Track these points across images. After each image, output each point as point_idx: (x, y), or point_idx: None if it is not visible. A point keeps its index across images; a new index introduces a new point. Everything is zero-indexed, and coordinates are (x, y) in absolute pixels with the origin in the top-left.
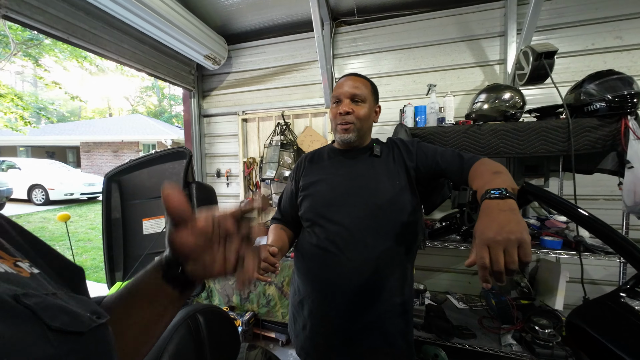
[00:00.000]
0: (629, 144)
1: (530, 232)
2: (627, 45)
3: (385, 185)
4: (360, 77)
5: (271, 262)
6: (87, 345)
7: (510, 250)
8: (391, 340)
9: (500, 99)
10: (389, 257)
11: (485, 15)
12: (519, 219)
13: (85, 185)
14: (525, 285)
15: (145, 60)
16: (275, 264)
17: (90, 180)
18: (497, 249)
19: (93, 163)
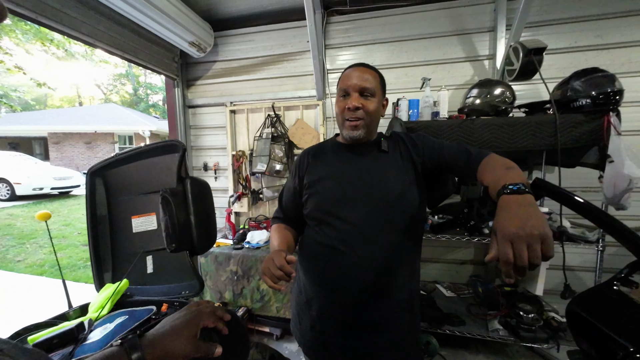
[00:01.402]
0: (610, 139)
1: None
2: (606, 43)
3: (395, 181)
4: (369, 68)
5: (287, 272)
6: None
7: (534, 245)
8: (400, 336)
9: (491, 94)
10: (399, 253)
11: (476, 10)
12: (540, 214)
13: (56, 179)
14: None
15: (124, 45)
16: (292, 274)
17: (62, 174)
18: (521, 245)
19: (63, 155)
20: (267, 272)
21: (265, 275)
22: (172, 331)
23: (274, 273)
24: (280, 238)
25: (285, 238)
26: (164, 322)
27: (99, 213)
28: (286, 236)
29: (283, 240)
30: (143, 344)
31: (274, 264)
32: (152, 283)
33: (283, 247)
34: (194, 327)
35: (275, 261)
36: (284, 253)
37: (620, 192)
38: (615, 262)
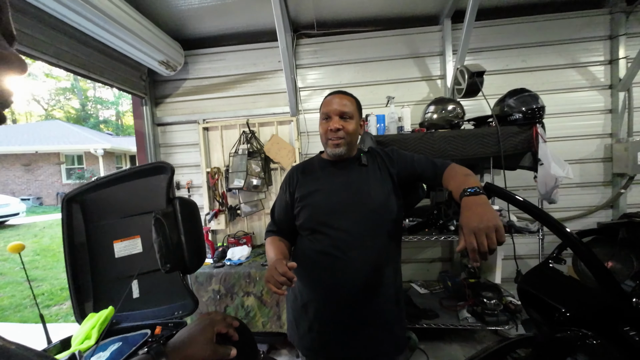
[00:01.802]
0: (539, 146)
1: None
2: (530, 67)
3: (376, 191)
4: (346, 95)
5: (289, 277)
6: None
7: (490, 234)
8: (389, 327)
9: (445, 110)
10: (385, 254)
11: (426, 37)
12: (493, 210)
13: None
14: (472, 266)
15: (89, 65)
16: (293, 279)
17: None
18: (481, 235)
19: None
20: (272, 280)
21: (269, 283)
22: (191, 338)
23: (278, 279)
24: (276, 248)
25: (280, 248)
26: (181, 332)
27: (76, 241)
28: (281, 246)
29: (279, 250)
30: (167, 351)
31: (277, 271)
32: (140, 308)
33: (280, 257)
34: (209, 333)
35: (278, 269)
36: (285, 261)
37: (550, 188)
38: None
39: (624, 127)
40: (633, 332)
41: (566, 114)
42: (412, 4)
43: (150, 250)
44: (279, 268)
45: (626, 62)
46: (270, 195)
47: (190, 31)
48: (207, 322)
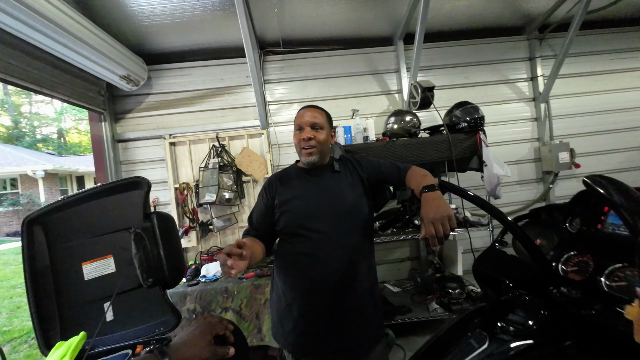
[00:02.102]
0: (483, 150)
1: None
2: (471, 82)
3: (349, 195)
4: (317, 108)
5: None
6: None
7: (445, 223)
8: (368, 319)
9: (404, 120)
10: (359, 251)
11: (383, 56)
12: (446, 203)
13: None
14: (437, 262)
15: (42, 80)
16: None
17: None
18: (437, 223)
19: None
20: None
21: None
22: (191, 340)
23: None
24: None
25: (252, 242)
26: (180, 334)
27: (39, 265)
28: (253, 242)
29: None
30: (169, 351)
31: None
32: (115, 331)
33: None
34: (208, 335)
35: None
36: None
37: (494, 186)
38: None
39: (547, 132)
40: (555, 289)
41: (502, 122)
42: (368, 27)
43: (125, 269)
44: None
45: (543, 79)
46: (244, 209)
47: (153, 46)
48: (206, 325)
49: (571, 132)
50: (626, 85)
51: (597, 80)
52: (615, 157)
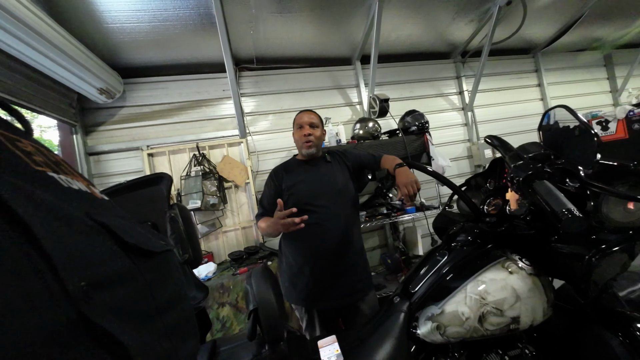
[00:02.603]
0: (430, 148)
1: (396, 207)
2: (415, 95)
3: (340, 178)
4: (312, 112)
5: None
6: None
7: (413, 185)
8: (362, 270)
9: (368, 126)
10: (351, 220)
11: (345, 73)
12: (412, 173)
13: None
14: (401, 246)
15: (13, 90)
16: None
17: None
18: (409, 186)
19: None
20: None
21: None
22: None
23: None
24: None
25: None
26: None
27: None
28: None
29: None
30: None
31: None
32: None
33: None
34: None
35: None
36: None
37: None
38: None
39: (474, 134)
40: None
41: (440, 128)
42: (332, 48)
43: None
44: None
45: (468, 93)
46: (227, 213)
47: (129, 60)
48: None
49: (492, 133)
50: (522, 98)
51: (504, 94)
52: None
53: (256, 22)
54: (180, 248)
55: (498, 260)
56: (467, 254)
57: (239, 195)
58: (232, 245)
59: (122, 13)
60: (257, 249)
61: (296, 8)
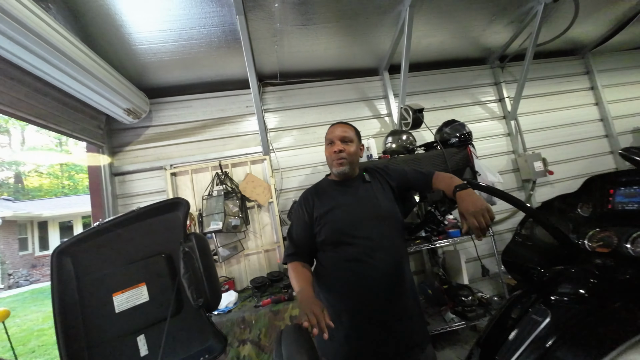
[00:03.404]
0: (474, 162)
1: (437, 230)
2: (449, 105)
3: (384, 202)
4: (346, 124)
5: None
6: None
7: (485, 215)
8: (417, 319)
9: (401, 139)
10: (400, 252)
11: (371, 84)
12: (481, 198)
13: None
14: (442, 273)
15: (46, 114)
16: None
17: None
18: (479, 216)
19: None
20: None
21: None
22: None
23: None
24: (302, 278)
25: (305, 277)
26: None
27: (68, 301)
28: (306, 275)
29: (305, 280)
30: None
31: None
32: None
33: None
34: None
35: (315, 312)
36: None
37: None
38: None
39: (520, 145)
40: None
41: (479, 139)
42: (356, 60)
43: (159, 297)
44: (316, 311)
45: (509, 100)
46: (249, 235)
47: (155, 81)
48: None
49: (540, 144)
50: (573, 103)
51: (551, 99)
52: (581, 163)
53: (280, 36)
54: (195, 291)
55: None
56: (584, 316)
57: (261, 216)
58: (254, 270)
59: (149, 34)
60: (280, 275)
61: (321, 19)
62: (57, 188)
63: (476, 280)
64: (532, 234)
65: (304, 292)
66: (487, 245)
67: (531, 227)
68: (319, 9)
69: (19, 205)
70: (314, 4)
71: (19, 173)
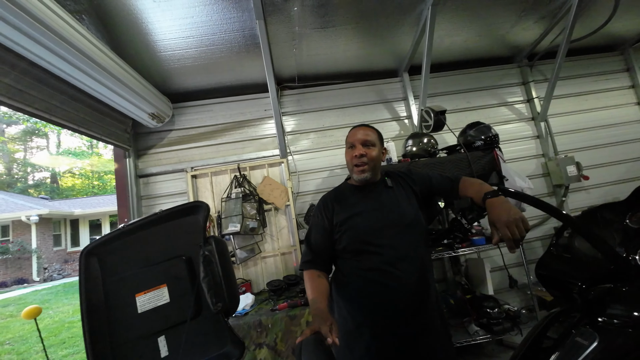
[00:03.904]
0: (501, 166)
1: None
2: (473, 106)
3: (406, 208)
4: (368, 127)
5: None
6: None
7: (519, 225)
8: (441, 333)
9: (422, 142)
10: (425, 263)
11: (391, 86)
12: (514, 206)
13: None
14: (465, 282)
15: (77, 119)
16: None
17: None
18: (512, 226)
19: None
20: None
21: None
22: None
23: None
24: (317, 289)
25: (320, 288)
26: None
27: (94, 300)
28: (321, 285)
29: (319, 291)
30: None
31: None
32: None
33: (321, 299)
34: None
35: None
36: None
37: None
38: (528, 255)
39: (551, 148)
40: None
41: (506, 141)
42: (375, 61)
43: (178, 299)
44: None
45: (539, 100)
46: (266, 238)
47: (177, 85)
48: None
49: (573, 147)
50: (611, 103)
51: (587, 99)
52: (620, 168)
53: (299, 40)
54: (214, 295)
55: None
56: (638, 342)
57: (278, 219)
58: (271, 272)
59: (173, 41)
60: (297, 279)
61: (341, 21)
62: (87, 188)
63: (502, 291)
64: (571, 245)
65: (317, 304)
66: (515, 254)
67: (570, 238)
68: (338, 11)
69: (54, 204)
70: (333, 6)
71: (55, 173)
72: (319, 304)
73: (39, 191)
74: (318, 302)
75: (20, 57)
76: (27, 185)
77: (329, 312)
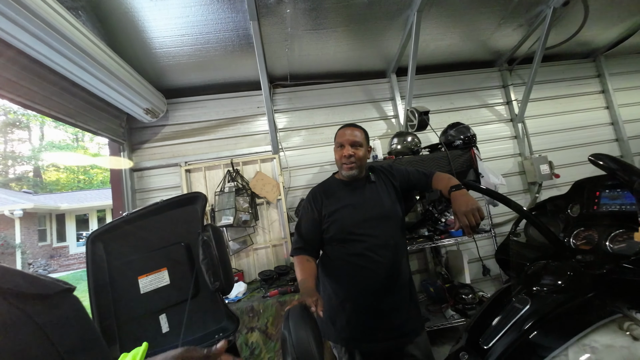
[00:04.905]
0: (478, 164)
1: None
2: (456, 107)
3: (387, 201)
4: (356, 127)
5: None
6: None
7: (475, 214)
8: (412, 308)
9: (406, 140)
10: (400, 249)
11: (379, 87)
12: (473, 198)
13: None
14: (444, 272)
15: (75, 113)
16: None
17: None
18: (470, 215)
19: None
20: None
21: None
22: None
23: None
24: (306, 271)
25: (309, 270)
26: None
27: (100, 281)
28: (310, 268)
29: (308, 273)
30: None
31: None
32: (171, 342)
33: (309, 280)
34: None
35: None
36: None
37: None
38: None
39: (527, 148)
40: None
41: (486, 141)
42: (364, 63)
43: (178, 281)
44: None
45: (517, 103)
46: (258, 230)
47: (172, 82)
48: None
49: (547, 147)
50: (583, 106)
51: (561, 102)
52: (589, 167)
53: (292, 40)
54: (212, 275)
55: (611, 317)
56: (559, 303)
57: (270, 212)
58: (262, 263)
59: (169, 38)
60: (287, 269)
61: (331, 24)
62: (73, 182)
63: (478, 280)
64: (525, 233)
65: (306, 283)
66: (490, 246)
67: (525, 227)
68: (329, 15)
69: (39, 198)
70: (324, 10)
71: (38, 167)
72: (308, 282)
73: (20, 185)
74: (307, 282)
75: (19, 51)
76: (7, 179)
77: (315, 290)
